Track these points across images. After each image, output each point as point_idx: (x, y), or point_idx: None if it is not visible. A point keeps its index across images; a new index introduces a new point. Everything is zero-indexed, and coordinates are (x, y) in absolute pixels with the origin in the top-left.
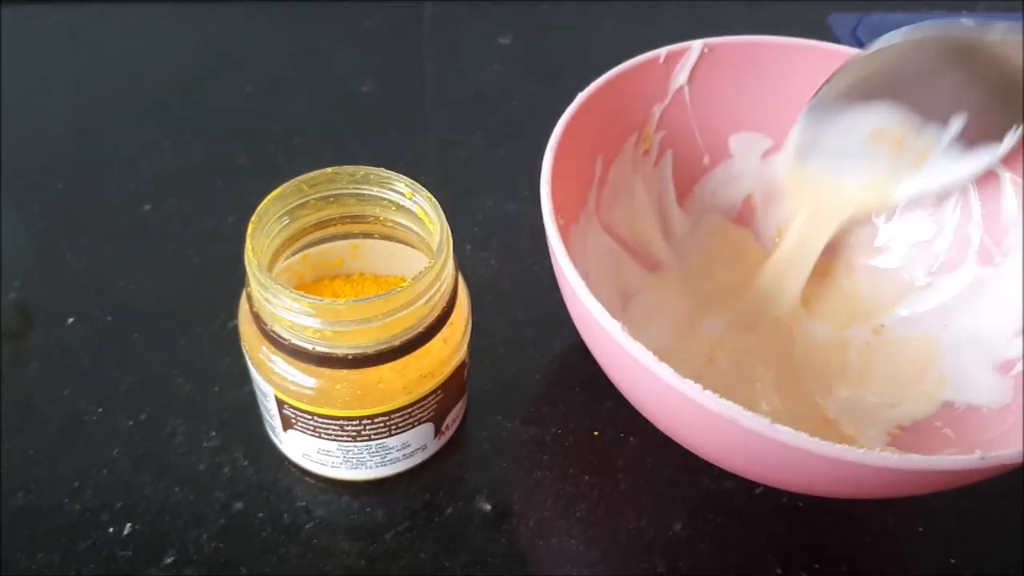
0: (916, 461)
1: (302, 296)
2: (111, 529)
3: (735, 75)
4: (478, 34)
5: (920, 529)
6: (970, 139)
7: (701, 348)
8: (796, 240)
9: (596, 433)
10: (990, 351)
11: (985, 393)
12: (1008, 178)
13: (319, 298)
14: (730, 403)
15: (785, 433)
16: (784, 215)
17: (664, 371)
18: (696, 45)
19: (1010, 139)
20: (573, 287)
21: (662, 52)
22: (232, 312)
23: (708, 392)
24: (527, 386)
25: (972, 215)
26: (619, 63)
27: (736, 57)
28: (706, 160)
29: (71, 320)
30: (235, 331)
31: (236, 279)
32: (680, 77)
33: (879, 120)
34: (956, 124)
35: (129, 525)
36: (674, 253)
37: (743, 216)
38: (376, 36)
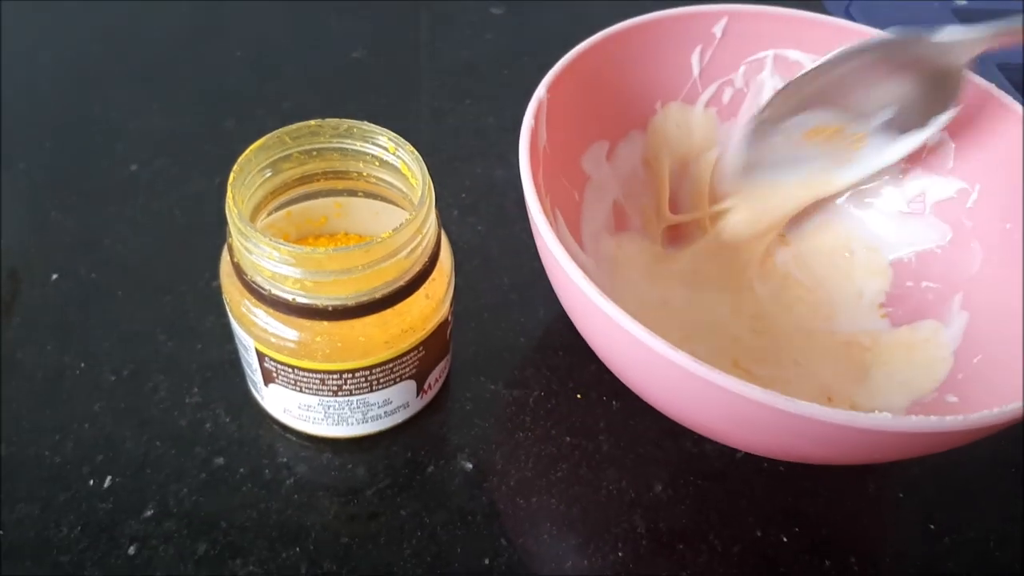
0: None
1: (282, 244)
2: (91, 482)
3: (576, 98)
4: (470, 3)
5: (900, 495)
6: (901, 126)
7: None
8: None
9: (579, 396)
10: (890, 201)
11: (921, 235)
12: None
13: (299, 247)
14: (726, 374)
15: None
16: (646, 197)
17: (646, 335)
18: (541, 93)
19: (939, 122)
20: (544, 237)
21: (530, 119)
22: (216, 272)
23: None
24: (511, 349)
25: None
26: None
27: (573, 79)
28: (576, 196)
29: (55, 276)
30: (219, 290)
31: (221, 240)
32: (542, 136)
33: (816, 122)
34: (887, 115)
35: (109, 478)
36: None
37: (620, 222)
38: (367, 3)
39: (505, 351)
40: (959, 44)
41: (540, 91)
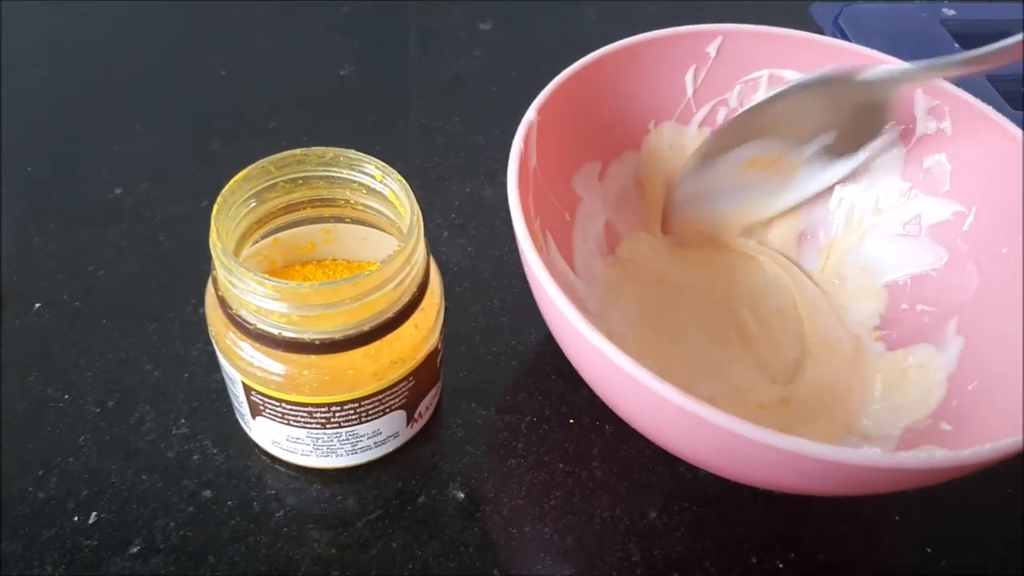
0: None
1: (267, 279)
2: (76, 518)
3: (567, 119)
4: (459, 20)
5: (896, 518)
6: (835, 153)
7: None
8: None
9: (571, 422)
10: (886, 223)
11: (916, 258)
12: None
13: (285, 281)
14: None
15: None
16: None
17: (627, 363)
18: (531, 115)
19: (871, 147)
20: (531, 266)
21: (519, 143)
22: (203, 299)
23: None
24: (503, 374)
25: None
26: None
27: (564, 101)
28: (567, 217)
29: (38, 305)
30: (206, 317)
31: (208, 265)
32: (532, 159)
33: (755, 152)
34: (823, 142)
35: (95, 514)
36: (602, 320)
37: (611, 244)
38: (355, 20)
39: (496, 375)
40: (885, 81)
41: (530, 113)
